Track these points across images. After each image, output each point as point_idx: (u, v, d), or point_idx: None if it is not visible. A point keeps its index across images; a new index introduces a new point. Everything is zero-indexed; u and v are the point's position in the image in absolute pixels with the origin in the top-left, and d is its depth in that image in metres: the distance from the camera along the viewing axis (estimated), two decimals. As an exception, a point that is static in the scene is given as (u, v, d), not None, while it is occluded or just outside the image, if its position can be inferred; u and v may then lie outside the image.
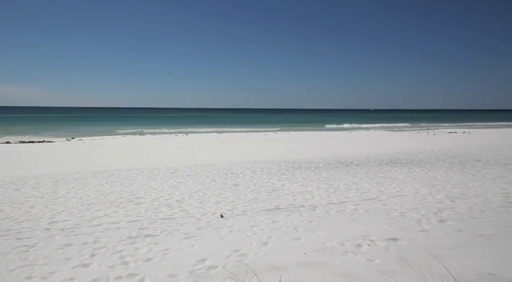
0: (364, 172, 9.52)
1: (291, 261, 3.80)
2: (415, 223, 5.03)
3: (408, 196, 6.72)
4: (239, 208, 6.25)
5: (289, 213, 5.78)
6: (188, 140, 23.25)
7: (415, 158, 12.31)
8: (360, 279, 3.27)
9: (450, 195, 6.72)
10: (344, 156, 12.95)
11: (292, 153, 14.82)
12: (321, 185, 8.00)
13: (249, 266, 3.72)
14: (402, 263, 3.59)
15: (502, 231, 4.58)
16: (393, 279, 3.19)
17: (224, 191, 7.70)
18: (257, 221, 5.42)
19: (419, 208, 5.83)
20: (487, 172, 9.14)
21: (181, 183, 8.66)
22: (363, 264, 3.62)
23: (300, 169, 10.29)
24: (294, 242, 4.43)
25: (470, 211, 5.59)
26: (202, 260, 3.96)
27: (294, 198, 6.80)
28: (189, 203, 6.72)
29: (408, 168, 10.09)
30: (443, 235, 4.51)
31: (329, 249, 4.09)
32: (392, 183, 8.01)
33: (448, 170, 9.54)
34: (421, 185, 7.68)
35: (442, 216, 5.32)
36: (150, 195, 7.34)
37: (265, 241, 4.51)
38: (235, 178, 9.12)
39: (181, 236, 4.83)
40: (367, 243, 4.25)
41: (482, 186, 7.46)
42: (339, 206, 6.16)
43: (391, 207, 5.97)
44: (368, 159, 12.03)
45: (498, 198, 6.36)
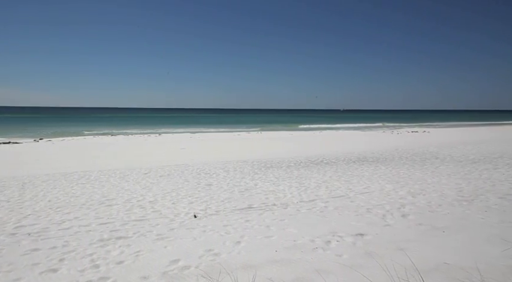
0: (334, 170, 9.71)
1: (263, 259, 3.81)
2: (380, 218, 5.18)
3: (374, 193, 6.91)
4: (212, 208, 6.20)
5: (262, 212, 5.80)
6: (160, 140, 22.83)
7: (381, 156, 12.69)
8: (329, 274, 3.33)
9: (412, 191, 6.98)
10: (314, 156, 13.15)
11: (265, 152, 14.89)
12: (293, 183, 8.09)
13: (222, 265, 3.70)
14: (368, 257, 3.69)
15: (456, 224, 4.81)
16: (359, 272, 3.27)
17: (197, 191, 7.62)
18: (230, 221, 5.40)
19: (384, 204, 6.02)
20: (443, 169, 9.57)
21: (154, 184, 8.48)
22: (332, 260, 3.69)
23: (272, 168, 10.35)
24: (267, 240, 4.45)
25: (429, 205, 5.84)
26: (176, 260, 3.90)
27: (266, 197, 6.83)
28: (162, 203, 6.60)
29: (374, 166, 10.39)
30: (405, 229, 4.68)
31: (300, 246, 4.14)
32: (359, 180, 8.21)
33: (410, 167, 9.91)
34: (386, 182, 7.93)
35: (404, 211, 5.51)
36: (122, 197, 7.14)
37: (238, 240, 4.50)
38: (208, 178, 9.05)
39: (154, 237, 4.73)
40: (336, 239, 4.34)
41: (439, 182, 7.81)
42: (309, 203, 6.25)
43: (359, 203, 6.12)
44: (337, 158, 12.28)
45: (453, 193, 6.68)
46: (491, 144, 16.49)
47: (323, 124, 48.86)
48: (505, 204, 5.79)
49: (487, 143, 16.90)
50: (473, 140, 19.00)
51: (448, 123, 50.70)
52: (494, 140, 18.76)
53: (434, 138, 21.32)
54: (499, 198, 6.15)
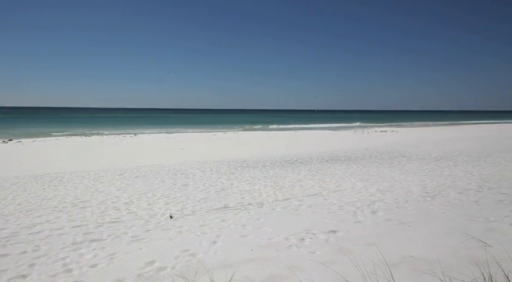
0: (308, 169, 9.84)
1: (239, 258, 3.80)
2: (352, 215, 5.30)
3: (346, 191, 7.06)
4: (188, 208, 6.14)
5: (238, 212, 5.80)
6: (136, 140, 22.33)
7: (352, 155, 12.98)
8: (303, 270, 3.37)
9: (381, 188, 7.18)
10: (289, 155, 13.28)
11: (241, 152, 14.88)
12: (268, 183, 8.13)
13: (198, 265, 3.66)
14: (340, 253, 3.77)
15: (421, 218, 5.00)
16: (331, 268, 3.33)
17: (173, 191, 7.51)
18: (206, 221, 5.36)
19: (355, 201, 6.16)
20: (410, 166, 9.91)
21: (129, 185, 8.29)
22: (306, 257, 3.73)
23: (248, 168, 10.36)
24: (242, 239, 4.45)
25: (396, 202, 6.02)
26: (151, 262, 3.83)
27: (242, 197, 6.82)
28: (138, 205, 6.46)
29: (346, 164, 10.61)
30: (374, 225, 4.81)
31: (275, 245, 4.17)
32: (332, 179, 8.36)
33: (379, 166, 10.19)
34: (357, 180, 8.11)
35: (374, 208, 5.66)
36: (97, 199, 6.94)
37: (215, 240, 4.47)
38: (184, 178, 8.94)
39: (129, 239, 4.62)
40: (310, 237, 4.39)
41: (406, 179, 8.08)
42: (284, 202, 6.30)
43: (331, 201, 6.23)
44: (311, 157, 12.45)
45: (418, 189, 6.94)
46: (452, 142, 17.23)
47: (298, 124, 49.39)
48: (463, 198, 6.07)
49: (448, 142, 17.65)
50: (436, 139, 19.79)
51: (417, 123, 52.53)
52: (455, 139, 19.61)
53: (402, 138, 22.03)
54: (459, 194, 6.44)
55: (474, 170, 8.91)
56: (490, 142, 17.08)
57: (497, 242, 3.82)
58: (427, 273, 3.17)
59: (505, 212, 5.05)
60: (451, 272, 3.14)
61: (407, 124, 50.28)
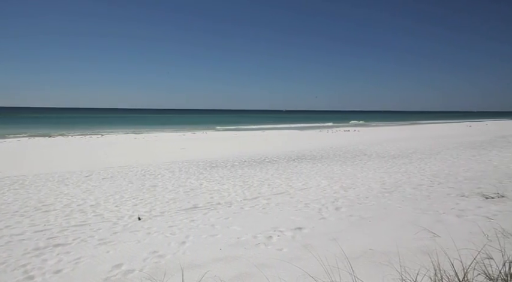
0: (275, 168, 9.94)
1: (208, 258, 3.78)
2: (317, 212, 5.42)
3: (311, 189, 7.21)
4: (157, 209, 6.01)
5: (207, 211, 5.75)
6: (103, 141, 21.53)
7: (317, 154, 13.27)
8: (270, 268, 3.41)
9: (344, 185, 7.40)
10: (257, 154, 13.34)
11: (210, 152, 14.76)
12: (237, 182, 8.13)
13: (167, 267, 3.60)
14: (305, 249, 3.84)
15: (379, 213, 5.21)
16: (297, 265, 3.39)
17: (142, 192, 7.33)
18: (175, 221, 5.27)
19: (320, 199, 6.30)
20: (370, 164, 10.29)
21: (96, 187, 7.99)
22: (273, 254, 3.78)
23: (217, 168, 10.30)
24: (211, 239, 4.42)
25: (358, 198, 6.23)
26: (118, 265, 3.71)
27: (211, 197, 6.78)
28: (105, 207, 6.24)
29: (312, 163, 10.82)
30: (338, 220, 4.95)
31: (243, 243, 4.18)
32: (298, 177, 8.50)
33: (342, 164, 10.49)
34: (322, 178, 8.30)
35: (337, 205, 5.83)
36: (61, 202, 6.62)
37: (183, 240, 4.41)
38: (153, 179, 8.74)
39: (95, 243, 4.45)
40: (277, 234, 4.45)
41: (367, 176, 8.38)
42: (252, 201, 6.33)
43: (298, 199, 6.34)
44: (278, 157, 12.59)
45: (378, 186, 7.22)
46: (408, 141, 18.08)
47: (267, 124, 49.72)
48: (417, 193, 6.39)
49: (405, 141, 18.49)
50: (395, 138, 20.67)
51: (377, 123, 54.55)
52: (411, 138, 20.59)
53: (364, 137, 22.81)
54: (413, 189, 6.77)
55: (426, 167, 9.40)
56: (440, 140, 18.08)
57: (444, 232, 4.06)
58: (384, 265, 3.30)
59: (452, 205, 5.38)
60: (405, 262, 3.30)
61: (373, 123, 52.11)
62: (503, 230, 3.90)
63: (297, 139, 22.20)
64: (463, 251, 3.29)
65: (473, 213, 4.85)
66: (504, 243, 3.32)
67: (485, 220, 4.48)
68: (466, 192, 6.21)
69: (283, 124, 50.36)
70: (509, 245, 3.25)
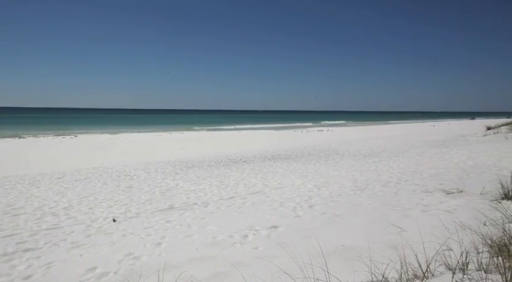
0: (251, 168, 9.95)
1: (184, 258, 3.73)
2: (291, 210, 5.48)
3: (286, 187, 7.27)
4: (133, 210, 5.87)
5: (183, 212, 5.68)
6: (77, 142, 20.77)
7: (292, 153, 13.41)
8: (245, 266, 3.41)
9: (318, 184, 7.52)
10: (234, 154, 13.32)
11: (186, 152, 14.58)
12: (213, 182, 8.07)
13: (142, 268, 3.52)
14: (280, 247, 3.87)
15: (351, 210, 5.33)
16: (272, 262, 3.41)
17: (117, 194, 7.13)
18: (151, 222, 5.17)
19: (294, 197, 6.37)
20: (343, 163, 10.52)
21: (69, 188, 7.70)
22: (249, 253, 3.78)
23: (193, 168, 10.19)
24: (187, 239, 4.36)
25: (331, 196, 6.35)
26: (92, 268, 3.59)
27: (187, 197, 6.69)
28: (78, 209, 6.03)
29: (287, 162, 10.93)
30: (312, 218, 5.02)
31: (219, 242, 4.16)
32: (274, 176, 8.56)
33: (316, 163, 10.66)
34: (296, 177, 8.40)
35: (311, 203, 5.91)
36: (32, 205, 6.33)
37: (159, 241, 4.33)
38: (128, 180, 8.53)
39: (68, 246, 4.29)
40: (253, 233, 4.45)
41: (339, 174, 8.56)
42: (228, 201, 6.31)
43: (273, 198, 6.38)
44: (254, 156, 12.61)
45: (349, 184, 7.39)
46: (378, 140, 18.63)
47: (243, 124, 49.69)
48: (386, 190, 6.59)
49: (375, 140, 19.04)
50: (366, 137, 21.24)
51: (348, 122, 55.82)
52: (381, 137, 21.23)
53: (336, 136, 23.30)
54: (382, 186, 6.98)
55: (394, 165, 9.71)
56: (407, 139, 18.76)
57: (410, 226, 4.22)
58: (355, 260, 3.38)
59: (417, 200, 5.59)
60: (375, 256, 3.39)
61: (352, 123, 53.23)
62: (462, 222, 4.09)
63: (272, 139, 22.35)
64: (427, 244, 3.43)
65: (436, 208, 5.06)
66: (462, 235, 3.48)
67: (446, 214, 4.68)
68: (429, 188, 6.46)
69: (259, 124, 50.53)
70: (466, 237, 3.40)
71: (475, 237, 3.25)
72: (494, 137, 15.51)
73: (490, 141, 14.30)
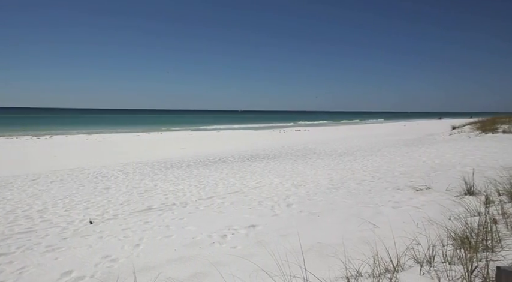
0: (230, 168, 9.92)
1: (162, 259, 3.67)
2: (270, 209, 5.50)
3: (265, 187, 7.30)
4: (110, 212, 5.72)
5: (162, 213, 5.59)
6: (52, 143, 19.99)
7: (270, 153, 13.48)
8: (225, 266, 3.40)
9: (295, 182, 7.59)
10: (213, 154, 13.23)
11: (165, 153, 14.35)
12: (192, 182, 7.99)
13: (120, 271, 3.43)
14: (259, 246, 3.89)
15: (327, 208, 5.42)
16: (251, 261, 3.42)
17: (94, 195, 6.93)
18: (129, 224, 5.05)
19: (273, 196, 6.41)
20: (319, 162, 10.68)
21: (43, 191, 7.40)
22: (228, 252, 3.77)
23: (172, 168, 10.04)
24: (166, 240, 4.30)
25: (308, 194, 6.43)
26: (68, 272, 3.47)
27: (166, 197, 6.59)
28: (53, 211, 5.81)
29: (265, 162, 10.97)
30: (289, 217, 5.07)
31: (198, 243, 4.12)
32: (252, 176, 8.57)
33: (294, 162, 10.76)
34: (274, 176, 8.45)
35: (289, 201, 5.96)
36: (4, 208, 6.04)
37: (137, 243, 4.24)
38: (106, 181, 8.30)
39: (42, 250, 4.12)
40: (232, 232, 4.44)
41: (316, 173, 8.68)
42: (207, 201, 6.26)
43: (252, 197, 6.39)
44: (233, 156, 12.58)
45: (326, 182, 7.51)
46: (353, 140, 19.05)
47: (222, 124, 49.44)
48: (360, 188, 6.75)
49: (350, 139, 19.45)
50: (341, 137, 21.66)
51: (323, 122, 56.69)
52: (356, 137, 21.72)
53: (313, 136, 23.63)
54: (357, 184, 7.14)
55: (368, 163, 9.97)
56: (380, 139, 19.29)
57: (382, 223, 4.34)
58: (331, 256, 3.44)
59: (389, 198, 5.76)
60: (349, 252, 3.47)
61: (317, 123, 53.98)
62: (429, 218, 4.25)
63: (251, 139, 22.37)
64: (398, 239, 3.54)
65: (406, 204, 5.23)
66: (429, 229, 3.62)
67: (416, 210, 4.85)
68: (400, 185, 6.67)
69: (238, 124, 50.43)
70: (433, 231, 3.54)
71: (441, 231, 3.39)
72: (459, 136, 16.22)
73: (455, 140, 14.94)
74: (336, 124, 52.27)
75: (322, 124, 52.39)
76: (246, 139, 22.19)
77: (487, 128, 16.56)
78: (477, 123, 19.22)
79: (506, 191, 4.55)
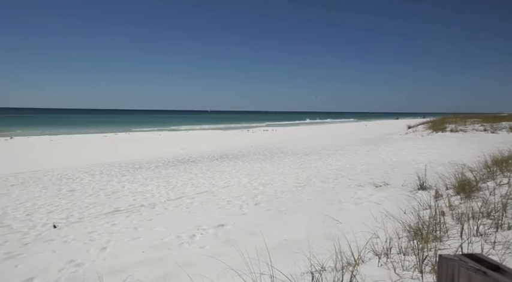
0: (199, 168, 9.79)
1: (130, 262, 3.55)
2: (238, 208, 5.50)
3: (233, 186, 7.29)
4: (75, 215, 5.44)
5: (129, 214, 5.40)
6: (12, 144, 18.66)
7: (239, 152, 13.47)
8: (193, 266, 3.35)
9: (263, 182, 7.65)
10: (182, 155, 12.99)
11: (133, 153, 13.89)
12: (161, 183, 7.79)
13: (85, 275, 3.28)
14: (228, 245, 3.87)
15: (294, 206, 5.52)
16: (220, 260, 3.40)
17: (58, 198, 6.56)
18: (95, 227, 4.84)
19: (241, 195, 6.41)
20: (286, 161, 10.83)
21: (3, 195, 6.90)
22: (197, 252, 3.72)
23: (140, 169, 9.74)
24: (134, 242, 4.16)
25: (275, 193, 6.51)
26: (29, 279, 3.26)
27: (134, 199, 6.38)
28: (14, 216, 5.43)
29: (234, 162, 10.94)
30: (257, 215, 5.10)
31: (167, 244, 4.03)
32: (221, 176, 8.52)
33: (262, 161, 10.83)
34: (243, 176, 8.45)
35: (257, 200, 5.99)
36: (-44, 215, 5.55)
37: (104, 246, 4.07)
38: (71, 183, 7.89)
39: (1, 257, 3.84)
40: (200, 232, 4.39)
41: (283, 172, 8.80)
42: (176, 201, 6.14)
43: (220, 197, 6.35)
44: (202, 156, 12.43)
45: (292, 181, 7.63)
46: (319, 139, 19.52)
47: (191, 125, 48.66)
48: (325, 186, 6.94)
49: (316, 138, 19.91)
50: (308, 136, 22.10)
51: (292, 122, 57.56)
52: (321, 136, 22.27)
53: (281, 136, 23.91)
54: (321, 182, 7.33)
55: (332, 162, 10.26)
56: (343, 138, 19.93)
57: (345, 219, 4.49)
58: (297, 253, 3.51)
59: (351, 194, 5.97)
60: (314, 248, 3.55)
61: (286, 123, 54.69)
62: (387, 212, 4.46)
63: (220, 139, 22.23)
64: (359, 234, 3.68)
65: (367, 200, 5.45)
66: (387, 223, 3.80)
67: (375, 205, 5.07)
68: (362, 182, 6.93)
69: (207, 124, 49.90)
70: (390, 225, 3.72)
71: (397, 224, 3.56)
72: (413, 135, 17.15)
73: (410, 138, 15.77)
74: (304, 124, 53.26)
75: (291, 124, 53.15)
76: (215, 139, 22.02)
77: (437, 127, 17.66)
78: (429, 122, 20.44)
79: (452, 185, 4.89)
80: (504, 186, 4.25)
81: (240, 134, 27.11)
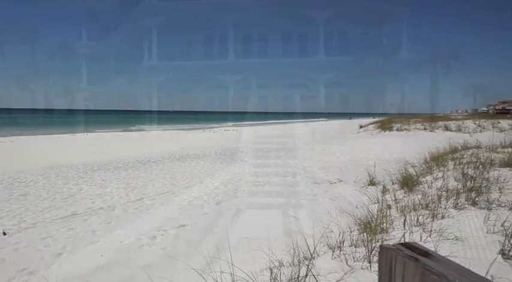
0: (160, 169, 9.52)
1: (88, 267, 3.37)
2: (199, 208, 5.44)
3: (195, 186, 7.18)
4: (28, 220, 5.03)
5: (87, 218, 5.11)
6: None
7: (201, 152, 13.29)
8: (154, 268, 3.27)
9: (224, 181, 7.62)
10: (142, 155, 12.53)
11: (92, 154, 13.12)
12: (120, 184, 7.46)
13: (38, 284, 3.06)
14: (188, 245, 3.82)
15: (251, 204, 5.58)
16: (180, 260, 3.35)
17: (9, 203, 6.02)
18: (50, 232, 4.52)
19: (202, 195, 6.33)
20: (247, 160, 10.89)
21: None
22: (157, 254, 3.63)
23: (99, 171, 9.24)
24: (92, 246, 3.96)
25: (235, 192, 6.51)
26: (-27, 293, 2.97)
27: (92, 201, 6.05)
28: (-46, 225, 4.88)
29: (195, 162, 10.78)
30: (218, 214, 5.07)
31: (126, 246, 3.88)
32: (183, 176, 8.35)
33: (223, 161, 10.79)
34: (204, 176, 8.36)
35: (218, 200, 5.96)
36: None
37: (60, 252, 3.82)
38: (24, 187, 7.27)
39: None
40: (161, 234, 4.28)
41: (244, 171, 8.81)
42: (136, 203, 5.92)
43: (182, 197, 6.23)
44: (163, 157, 12.09)
45: (252, 179, 7.63)
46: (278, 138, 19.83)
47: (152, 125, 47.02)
48: (281, 184, 7.07)
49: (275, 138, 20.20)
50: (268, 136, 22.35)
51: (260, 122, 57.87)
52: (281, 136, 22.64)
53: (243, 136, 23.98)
54: (281, 180, 7.48)
55: (291, 160, 10.49)
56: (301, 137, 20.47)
57: (303, 215, 4.65)
58: (256, 250, 3.55)
59: (308, 191, 6.16)
60: (273, 245, 3.63)
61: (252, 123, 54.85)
62: (341, 207, 4.68)
63: (182, 139, 21.77)
64: (315, 229, 3.82)
65: (323, 197, 5.67)
66: (340, 218, 3.99)
67: (330, 201, 5.29)
68: (318, 180, 7.19)
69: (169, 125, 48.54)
70: (343, 219, 3.92)
71: (350, 219, 3.75)
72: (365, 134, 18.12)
73: (362, 137, 16.64)
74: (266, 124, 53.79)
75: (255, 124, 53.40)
76: (177, 139, 21.51)
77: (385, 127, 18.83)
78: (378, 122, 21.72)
79: (397, 181, 5.25)
80: (439, 179, 4.66)
81: (202, 134, 26.76)
